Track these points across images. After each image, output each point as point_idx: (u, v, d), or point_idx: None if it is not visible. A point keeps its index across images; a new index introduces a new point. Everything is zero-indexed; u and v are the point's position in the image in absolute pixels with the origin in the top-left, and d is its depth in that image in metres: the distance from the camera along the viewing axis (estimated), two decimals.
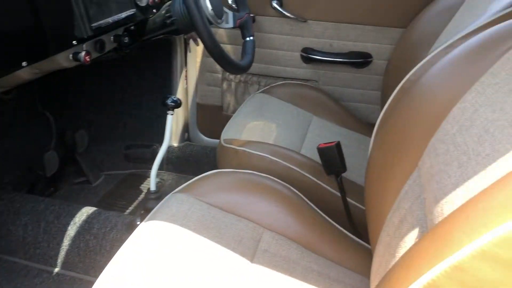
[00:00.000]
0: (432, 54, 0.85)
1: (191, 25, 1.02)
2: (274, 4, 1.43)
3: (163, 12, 1.16)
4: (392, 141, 0.80)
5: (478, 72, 0.66)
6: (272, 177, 0.95)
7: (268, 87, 1.45)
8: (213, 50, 1.03)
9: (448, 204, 0.52)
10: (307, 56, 1.48)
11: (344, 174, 1.04)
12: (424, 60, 0.85)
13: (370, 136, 0.90)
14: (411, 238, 0.59)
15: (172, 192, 0.90)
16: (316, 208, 0.93)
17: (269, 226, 0.85)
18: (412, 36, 1.30)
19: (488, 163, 0.50)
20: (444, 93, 0.71)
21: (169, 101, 1.13)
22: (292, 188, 0.94)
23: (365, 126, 1.38)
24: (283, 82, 1.48)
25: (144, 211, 1.17)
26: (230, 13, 1.20)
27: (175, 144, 1.70)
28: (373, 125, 0.90)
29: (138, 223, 1.14)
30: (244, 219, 0.85)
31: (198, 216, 0.82)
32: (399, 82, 0.96)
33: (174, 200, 0.86)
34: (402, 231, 0.63)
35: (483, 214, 0.36)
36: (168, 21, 1.11)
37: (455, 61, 0.74)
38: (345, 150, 1.05)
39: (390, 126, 0.85)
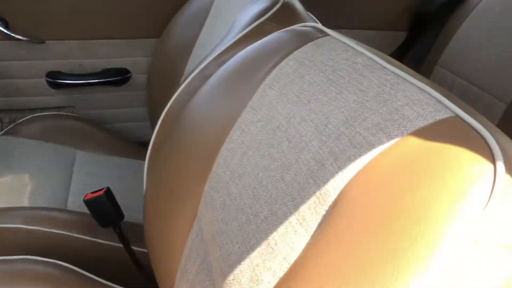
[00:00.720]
0: (189, 79, 0.77)
1: None
2: None
3: None
4: (167, 180, 0.70)
5: (239, 106, 0.60)
6: (27, 257, 0.75)
7: (12, 125, 1.19)
8: None
9: (236, 284, 0.44)
10: (54, 81, 1.26)
11: (125, 219, 0.90)
12: (181, 88, 0.77)
13: (145, 159, 0.79)
14: None
15: None
16: (93, 276, 0.77)
17: None
18: (167, 47, 1.22)
19: (269, 230, 0.43)
20: (210, 130, 0.64)
21: None
22: (57, 262, 0.76)
23: (138, 148, 1.26)
24: (32, 115, 1.24)
25: None
26: None
27: None
28: (147, 144, 0.78)
29: None
30: None
31: None
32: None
33: None
34: None
35: None
36: None
37: (215, 92, 0.66)
38: (120, 186, 0.91)
39: (162, 161, 0.74)
